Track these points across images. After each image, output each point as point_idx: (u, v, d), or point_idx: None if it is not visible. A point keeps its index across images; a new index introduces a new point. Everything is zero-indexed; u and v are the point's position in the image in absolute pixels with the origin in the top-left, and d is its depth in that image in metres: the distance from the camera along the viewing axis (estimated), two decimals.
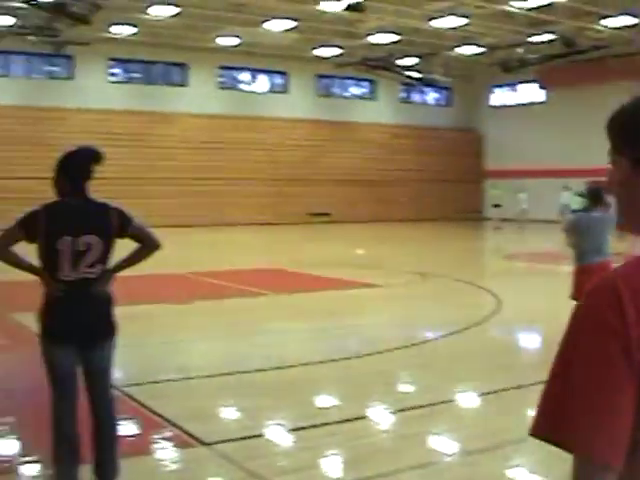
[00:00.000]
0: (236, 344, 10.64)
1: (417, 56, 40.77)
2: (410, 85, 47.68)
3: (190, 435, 6.43)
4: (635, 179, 1.80)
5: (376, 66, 42.17)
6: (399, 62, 41.96)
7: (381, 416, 7.33)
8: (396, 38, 36.63)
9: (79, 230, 5.05)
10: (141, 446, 6.33)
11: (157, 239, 5.31)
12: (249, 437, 6.57)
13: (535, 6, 30.74)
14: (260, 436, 6.68)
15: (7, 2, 29.84)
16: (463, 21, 32.95)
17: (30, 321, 5.71)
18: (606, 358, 1.65)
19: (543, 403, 1.75)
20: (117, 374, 6.09)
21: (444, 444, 6.53)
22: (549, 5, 30.76)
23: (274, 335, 11.40)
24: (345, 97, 48.47)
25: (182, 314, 12.85)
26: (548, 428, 1.73)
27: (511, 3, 30.81)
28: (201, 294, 14.85)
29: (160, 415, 6.96)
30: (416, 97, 50.50)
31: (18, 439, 6.58)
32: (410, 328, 12.01)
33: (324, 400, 8.10)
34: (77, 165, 5.28)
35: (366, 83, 48.13)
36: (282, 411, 7.50)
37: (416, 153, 47.29)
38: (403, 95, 49.44)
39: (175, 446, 6.23)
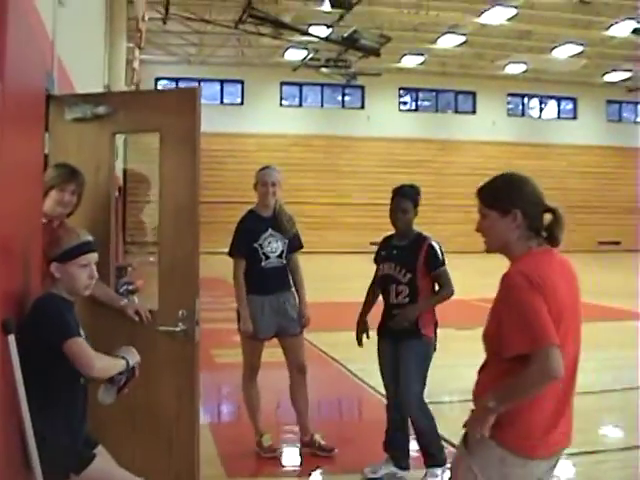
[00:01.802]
0: None
1: None
2: None
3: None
4: (501, 224, 3.32)
5: None
6: None
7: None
8: None
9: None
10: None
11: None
12: None
13: None
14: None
15: (301, 37, 31.56)
16: None
17: None
18: (532, 299, 3.05)
19: (515, 334, 3.05)
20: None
21: None
22: None
23: None
24: (636, 122, 46.77)
25: (465, 339, 13.01)
26: (522, 346, 3.02)
27: None
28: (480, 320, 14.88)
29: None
30: None
31: None
32: None
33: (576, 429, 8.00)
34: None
35: None
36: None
37: None
38: None
39: None
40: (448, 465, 6.05)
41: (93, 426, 4.03)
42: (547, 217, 3.41)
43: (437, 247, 6.05)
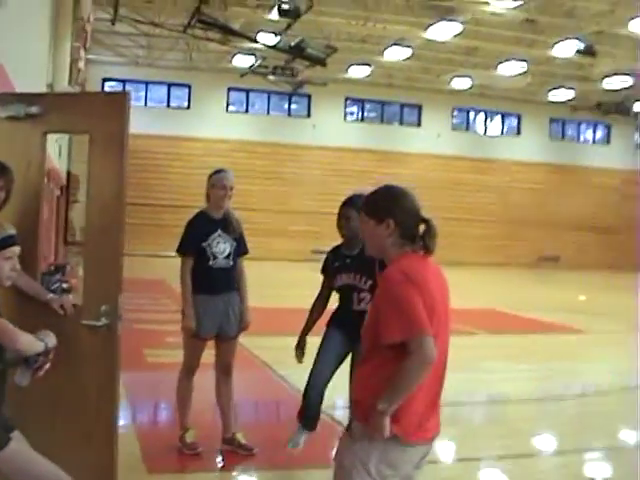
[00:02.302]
0: (447, 379, 10.97)
1: None
2: None
3: None
4: (377, 231, 3.58)
5: (610, 110, 41.37)
6: (636, 106, 40.95)
7: (564, 454, 7.52)
8: (630, 82, 35.72)
9: None
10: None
11: None
12: (432, 462, 6.94)
13: None
14: (442, 462, 7.09)
15: (249, 44, 31.76)
16: None
17: None
18: (409, 294, 3.34)
19: (392, 323, 3.32)
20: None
21: None
22: None
23: (484, 372, 11.68)
24: (579, 141, 47.65)
25: None
26: (400, 335, 3.29)
27: None
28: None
29: None
30: None
31: None
32: (618, 375, 11.85)
33: (510, 434, 8.29)
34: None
35: (600, 127, 47.15)
36: (468, 441, 7.82)
37: None
38: (639, 140, 47.93)
39: None
40: None
41: (13, 417, 4.18)
42: (422, 227, 3.67)
43: None
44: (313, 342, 6.25)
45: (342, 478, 3.53)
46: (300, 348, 6.43)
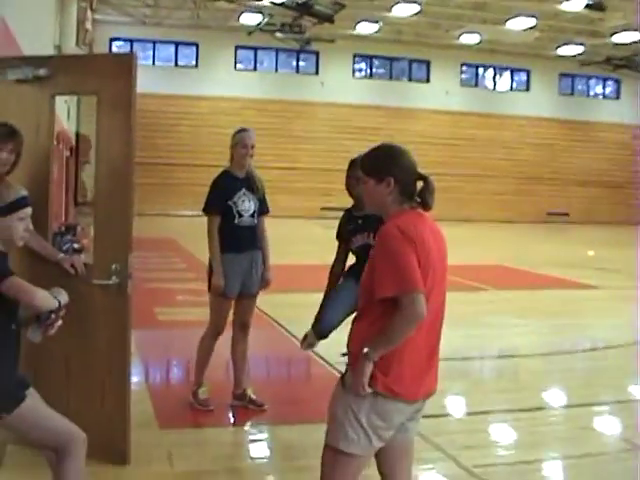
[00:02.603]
0: (456, 334, 11.07)
1: None
2: None
3: None
4: (377, 189, 3.66)
5: (620, 65, 41.08)
6: None
7: (572, 407, 7.62)
8: (639, 36, 35.42)
9: None
10: None
11: None
12: (440, 415, 7.06)
13: None
14: (450, 415, 7.21)
15: (256, 1, 31.57)
16: None
17: None
18: (404, 250, 3.41)
19: (386, 279, 3.41)
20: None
21: (620, 438, 6.71)
22: None
23: (493, 328, 11.77)
24: (588, 96, 47.36)
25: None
26: (392, 290, 3.38)
27: None
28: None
29: None
30: None
31: None
32: (627, 330, 11.91)
33: (518, 388, 8.39)
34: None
35: (610, 82, 46.83)
36: (476, 395, 7.93)
37: None
38: None
39: None
40: None
41: (28, 375, 4.27)
42: (421, 184, 3.72)
43: None
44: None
45: (335, 428, 3.62)
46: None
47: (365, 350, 3.44)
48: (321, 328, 6.12)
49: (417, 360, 3.58)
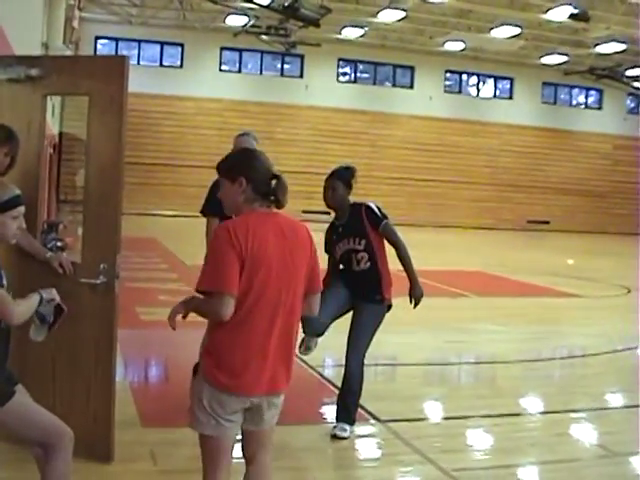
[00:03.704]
0: (436, 339, 11.16)
1: None
2: (637, 96, 46.44)
3: (368, 412, 7.06)
4: (231, 189, 3.83)
5: (603, 75, 41.40)
6: (628, 72, 40.98)
7: (549, 414, 7.72)
8: (623, 47, 35.70)
9: None
10: (323, 415, 7.09)
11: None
12: (419, 419, 7.16)
13: None
14: (429, 419, 7.32)
15: (242, 3, 31.64)
16: None
17: None
18: (225, 251, 3.61)
19: (202, 274, 3.64)
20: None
21: (596, 445, 6.81)
22: None
23: (472, 334, 11.86)
24: (570, 105, 47.66)
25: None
26: (203, 285, 3.62)
27: None
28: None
29: None
30: None
31: None
32: (605, 338, 12.02)
33: (497, 394, 8.48)
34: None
35: (593, 92, 47.15)
36: (455, 400, 8.01)
37: None
38: (630, 105, 48.00)
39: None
40: (355, 426, 6.51)
41: (16, 371, 4.32)
42: (274, 182, 3.92)
43: (373, 206, 6.41)
44: None
45: (190, 412, 3.86)
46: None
47: (187, 299, 3.81)
48: (311, 330, 6.27)
49: (251, 357, 3.74)
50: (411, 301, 6.39)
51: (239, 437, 4.01)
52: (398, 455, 6.23)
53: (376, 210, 6.41)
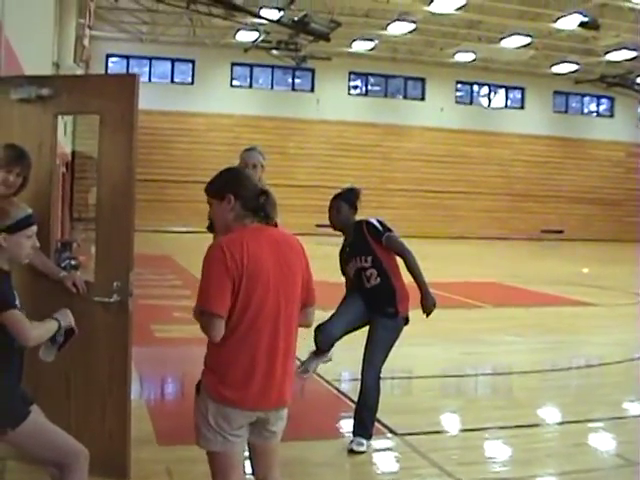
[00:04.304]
0: (452, 351, 11.12)
1: None
2: None
3: (384, 425, 7.03)
4: (221, 208, 3.84)
5: (614, 83, 41.31)
6: (639, 79, 40.91)
7: (567, 424, 7.67)
8: (633, 55, 35.62)
9: None
10: (340, 430, 7.06)
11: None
12: (436, 432, 7.12)
13: None
14: (446, 432, 7.27)
15: (252, 19, 31.72)
16: None
17: None
18: (217, 272, 3.63)
19: (199, 292, 3.67)
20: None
21: (614, 454, 6.76)
22: None
23: (488, 345, 11.81)
24: (582, 114, 47.56)
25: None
26: (197, 302, 3.67)
27: None
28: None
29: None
30: None
31: None
32: (621, 347, 11.95)
33: (513, 405, 8.43)
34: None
35: (604, 100, 47.06)
36: (471, 412, 7.97)
37: None
38: None
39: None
40: (372, 440, 6.49)
41: (30, 391, 4.32)
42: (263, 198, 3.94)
43: (374, 221, 6.43)
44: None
45: (196, 429, 3.87)
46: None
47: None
48: (322, 339, 6.28)
49: (256, 371, 3.76)
50: (424, 311, 6.34)
51: (246, 453, 4.01)
52: (416, 469, 6.20)
53: (377, 224, 6.43)
